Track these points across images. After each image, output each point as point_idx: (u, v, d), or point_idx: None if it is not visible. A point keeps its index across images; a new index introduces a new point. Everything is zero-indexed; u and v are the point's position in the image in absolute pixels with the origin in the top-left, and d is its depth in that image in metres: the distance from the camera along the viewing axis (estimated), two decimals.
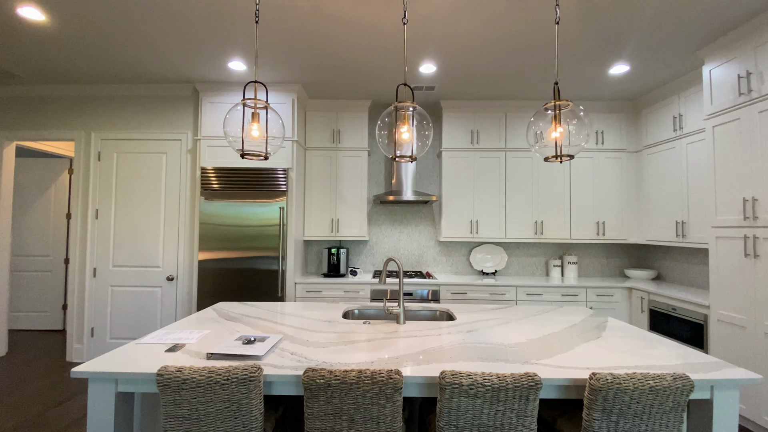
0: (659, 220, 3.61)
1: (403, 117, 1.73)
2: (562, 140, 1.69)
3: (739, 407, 2.01)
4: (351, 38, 2.73)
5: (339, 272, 3.87)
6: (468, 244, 4.26)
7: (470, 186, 3.97)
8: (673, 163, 3.45)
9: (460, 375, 1.23)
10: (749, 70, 2.44)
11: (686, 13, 2.37)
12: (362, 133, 3.97)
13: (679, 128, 3.37)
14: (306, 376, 1.24)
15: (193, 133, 3.69)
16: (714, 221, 2.72)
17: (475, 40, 2.74)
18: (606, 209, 3.94)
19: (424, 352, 1.59)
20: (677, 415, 1.27)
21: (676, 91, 3.41)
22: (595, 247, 4.26)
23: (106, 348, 3.61)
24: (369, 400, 1.24)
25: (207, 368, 1.26)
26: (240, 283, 3.49)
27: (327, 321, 2.10)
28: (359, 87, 3.64)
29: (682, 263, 3.70)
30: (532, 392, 1.24)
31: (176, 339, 1.72)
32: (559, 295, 3.65)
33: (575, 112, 1.68)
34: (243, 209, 3.51)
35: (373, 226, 4.28)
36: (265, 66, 3.21)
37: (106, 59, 3.11)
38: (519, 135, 3.98)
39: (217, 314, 2.23)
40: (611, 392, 1.23)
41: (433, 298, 3.64)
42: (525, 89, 3.67)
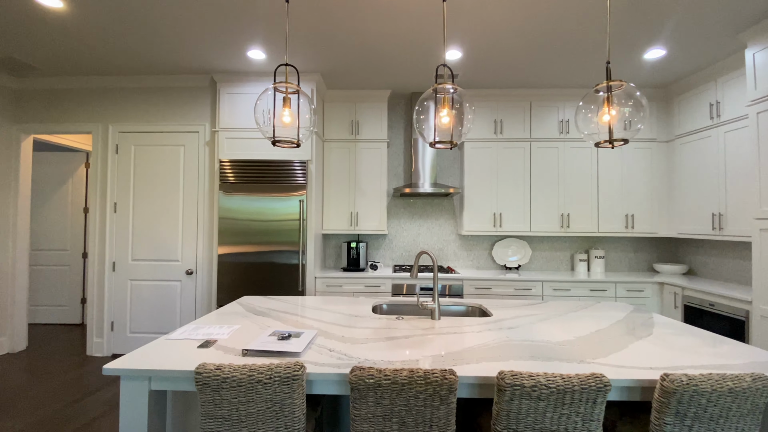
0: (693, 212, 3.46)
1: (443, 100, 1.62)
2: (614, 123, 1.58)
3: None
4: (376, 23, 2.62)
5: (358, 266, 3.79)
6: (490, 238, 4.15)
7: (494, 178, 3.85)
8: (709, 153, 3.30)
9: (521, 375, 1.14)
10: None
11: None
12: (381, 124, 3.87)
13: (716, 116, 3.21)
14: (354, 376, 1.16)
15: (210, 125, 3.62)
16: (758, 213, 2.58)
17: (504, 25, 2.62)
18: (635, 202, 3.80)
19: (469, 350, 1.50)
20: (755, 418, 1.17)
21: (713, 77, 3.24)
22: (622, 241, 4.12)
23: (126, 342, 3.58)
24: (422, 402, 1.16)
25: (247, 366, 1.19)
26: (259, 278, 3.42)
27: (357, 316, 2.02)
28: (379, 76, 3.54)
29: (716, 257, 3.55)
30: (600, 395, 1.14)
31: (206, 334, 1.65)
32: (587, 290, 3.53)
33: (630, 93, 1.56)
34: (262, 203, 3.43)
35: (392, 220, 4.19)
36: (281, 54, 3.11)
37: (123, 49, 3.04)
38: (544, 124, 3.84)
39: (244, 308, 2.17)
40: (686, 395, 1.13)
41: (455, 293, 3.55)
42: (551, 77, 3.53)
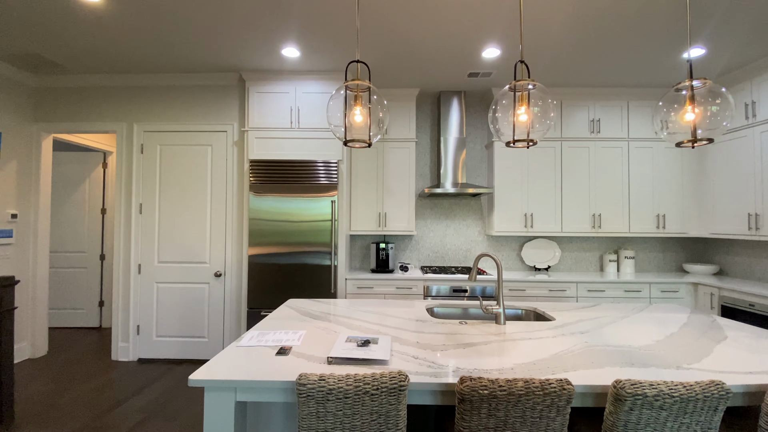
0: (727, 212, 3.45)
1: (521, 97, 1.58)
2: (698, 122, 1.54)
3: None
4: (414, 20, 2.57)
5: (387, 268, 3.74)
6: (518, 239, 4.12)
7: (524, 178, 3.82)
8: (744, 153, 3.29)
9: (641, 385, 1.09)
10: None
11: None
12: (410, 123, 3.82)
13: (752, 116, 3.20)
14: (465, 386, 1.11)
15: (239, 125, 3.55)
16: None
17: (544, 25, 2.58)
18: (666, 201, 3.78)
19: (557, 358, 1.45)
20: None
21: (748, 77, 3.23)
22: (651, 241, 4.11)
23: (153, 346, 3.50)
24: (538, 413, 1.11)
25: (352, 376, 1.13)
26: (290, 280, 3.36)
27: (419, 320, 1.97)
28: (409, 74, 3.48)
29: (749, 258, 3.54)
30: (722, 402, 1.10)
31: (277, 340, 1.59)
32: (621, 291, 3.50)
33: (716, 91, 1.52)
34: (293, 204, 3.37)
35: (419, 220, 4.14)
36: (317, 52, 3.05)
37: (151, 46, 2.96)
38: (575, 123, 3.81)
39: (297, 312, 2.10)
40: None
41: (489, 295, 3.51)
42: (584, 76, 3.50)
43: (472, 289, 3.51)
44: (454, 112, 3.90)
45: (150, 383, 3.05)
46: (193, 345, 3.50)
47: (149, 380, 3.10)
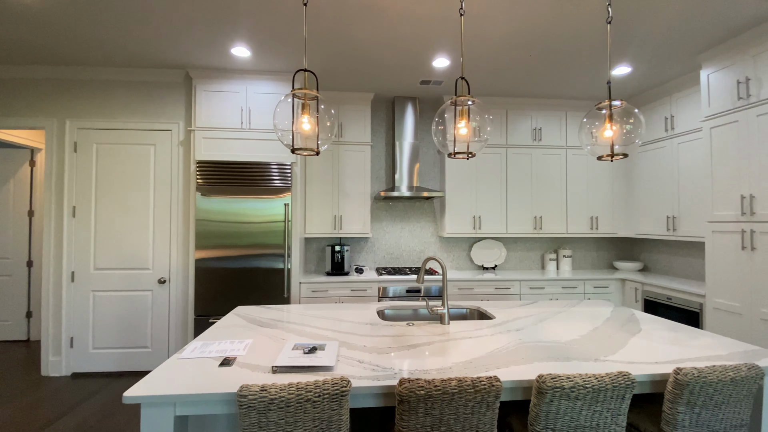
0: (650, 215, 3.83)
1: (461, 112, 1.67)
2: (615, 139, 1.72)
3: None
4: (367, 27, 2.61)
5: (343, 270, 3.76)
6: (468, 240, 4.30)
7: (473, 182, 4.00)
8: (664, 162, 3.67)
9: (560, 378, 1.21)
10: (748, 76, 2.63)
11: (693, 21, 2.49)
12: (365, 126, 3.86)
13: (671, 128, 3.58)
14: (404, 388, 1.17)
15: (185, 124, 3.40)
16: (711, 216, 2.92)
17: (490, 37, 2.73)
18: (599, 205, 4.13)
19: (492, 355, 1.56)
20: (748, 402, 1.34)
21: (668, 93, 3.61)
22: (586, 241, 4.46)
23: (89, 359, 3.27)
24: (470, 410, 1.19)
25: (294, 385, 1.15)
26: (241, 284, 3.28)
27: (368, 323, 2.02)
28: (363, 79, 3.52)
29: (668, 255, 3.96)
30: (628, 391, 1.25)
31: (221, 351, 1.57)
32: (559, 288, 3.78)
33: (629, 111, 1.71)
34: (245, 205, 3.29)
35: (374, 223, 4.20)
36: (270, 53, 3.00)
37: (84, 38, 2.77)
38: (519, 131, 4.05)
39: (245, 320, 2.07)
40: (697, 385, 1.27)
41: (439, 294, 3.64)
42: (527, 87, 3.73)
43: (426, 289, 3.63)
44: (409, 117, 4.00)
45: (85, 399, 2.85)
46: (135, 356, 3.32)
47: (84, 396, 2.90)
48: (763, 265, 2.54)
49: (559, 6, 2.35)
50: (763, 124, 2.56)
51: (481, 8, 2.36)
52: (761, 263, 2.55)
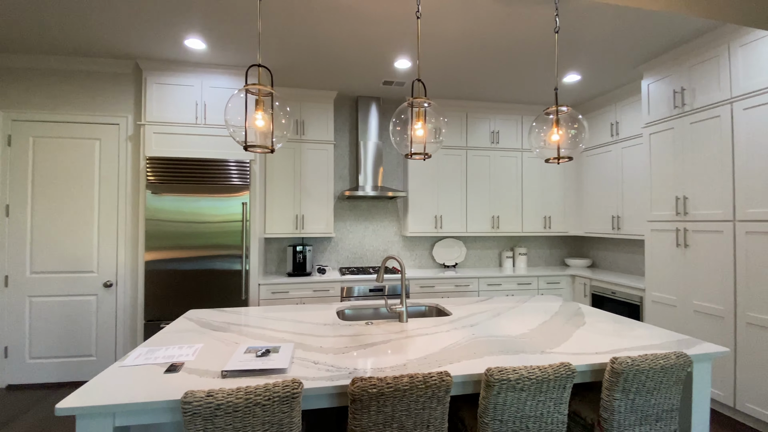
0: (597, 214, 4.08)
1: (418, 113, 1.70)
2: (561, 142, 1.81)
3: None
4: (329, 24, 2.59)
5: (305, 271, 3.70)
6: (431, 239, 4.38)
7: (435, 182, 4.07)
8: (609, 165, 3.92)
9: (506, 371, 1.26)
10: (683, 87, 2.86)
11: (635, 33, 2.68)
12: (328, 125, 3.82)
13: (616, 134, 3.83)
14: (356, 387, 1.17)
15: (134, 118, 3.21)
16: (649, 216, 3.15)
17: (450, 41, 2.79)
18: (552, 205, 4.34)
19: (446, 351, 1.60)
20: (678, 387, 1.46)
21: (614, 101, 3.86)
22: (540, 239, 4.68)
23: (26, 370, 3.01)
24: (421, 405, 1.22)
25: (242, 389, 1.12)
26: (196, 287, 3.15)
27: (326, 324, 2.00)
28: (326, 77, 3.49)
29: (613, 252, 4.23)
30: (569, 381, 1.32)
31: (168, 357, 1.50)
32: (515, 284, 3.94)
33: (574, 117, 1.81)
34: (200, 204, 3.16)
35: (338, 222, 4.17)
36: (226, 46, 2.90)
37: (23, 21, 2.55)
38: (478, 134, 4.18)
39: (197, 324, 1.99)
40: (631, 373, 1.37)
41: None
42: (485, 91, 3.85)
43: (390, 288, 3.65)
44: (373, 117, 4.01)
45: (21, 413, 2.62)
46: (79, 365, 3.10)
47: (20, 410, 2.67)
48: (695, 261, 2.77)
49: (511, 15, 2.44)
50: (695, 131, 2.79)
51: (437, 12, 2.41)
52: (693, 259, 2.79)
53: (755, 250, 2.39)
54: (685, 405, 1.61)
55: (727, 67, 2.56)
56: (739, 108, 2.50)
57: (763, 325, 2.34)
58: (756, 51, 2.40)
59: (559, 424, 1.35)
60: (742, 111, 2.48)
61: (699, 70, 2.76)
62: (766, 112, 2.35)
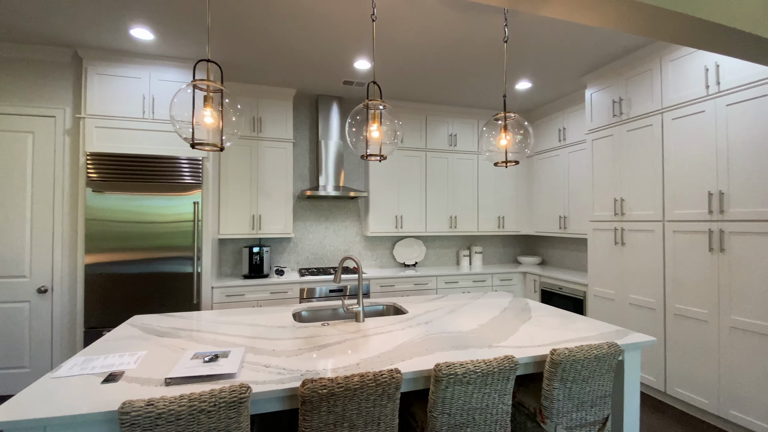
0: (546, 215, 4.32)
1: (374, 115, 1.72)
2: (509, 147, 1.91)
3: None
4: (287, 22, 2.55)
5: (262, 272, 3.62)
6: (392, 239, 4.42)
7: (396, 183, 4.12)
8: (557, 168, 4.16)
9: (454, 365, 1.32)
10: (621, 97, 3.10)
11: (578, 46, 2.87)
12: (287, 123, 3.76)
13: (563, 139, 4.07)
14: (306, 389, 1.17)
15: (73, 110, 2.98)
16: (592, 216, 3.39)
17: (409, 45, 2.84)
18: (505, 206, 4.53)
19: (400, 348, 1.63)
20: (610, 375, 1.59)
21: (562, 108, 4.09)
22: (495, 239, 4.87)
23: None
24: (372, 403, 1.24)
25: (186, 396, 1.08)
26: (143, 291, 2.98)
27: (281, 326, 1.97)
28: (284, 74, 3.43)
29: (561, 250, 4.50)
30: (512, 373, 1.39)
31: (107, 366, 1.41)
32: (471, 281, 4.08)
33: (520, 123, 1.91)
34: (147, 203, 2.99)
35: (297, 222, 4.11)
36: (176, 38, 2.77)
37: None
38: (437, 136, 4.28)
39: (141, 330, 1.89)
40: (568, 363, 1.47)
41: (363, 292, 3.69)
42: (444, 95, 3.95)
43: (352, 288, 3.65)
44: (334, 116, 3.98)
45: None
46: (10, 378, 2.83)
47: None
48: (631, 258, 3.01)
49: (465, 22, 2.53)
50: (631, 138, 3.03)
51: (394, 16, 2.44)
52: (629, 256, 3.03)
53: (681, 248, 2.64)
54: (617, 391, 1.76)
55: (659, 79, 2.81)
56: (669, 118, 2.74)
57: (687, 316, 2.60)
58: (684, 66, 2.64)
59: (503, 414, 1.42)
60: (671, 121, 2.73)
61: (635, 81, 3.00)
62: (690, 123, 2.60)
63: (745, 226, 2.28)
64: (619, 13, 1.52)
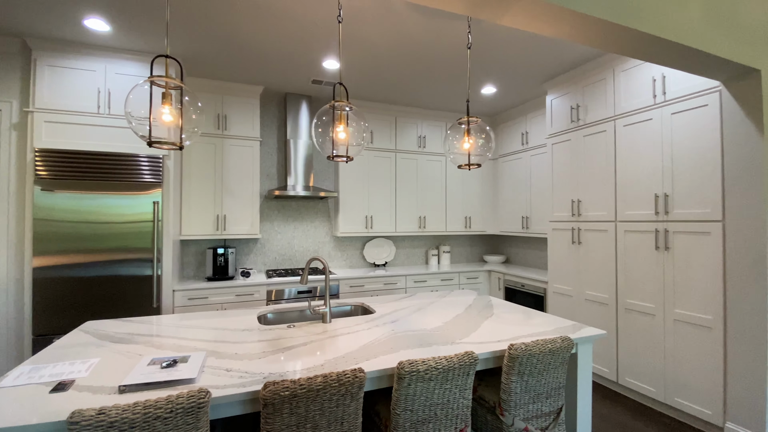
0: (510, 215, 4.47)
1: (340, 116, 1.73)
2: (472, 150, 1.97)
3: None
4: (253, 19, 2.51)
5: (227, 275, 3.53)
6: (362, 239, 4.44)
7: (366, 183, 4.14)
8: (520, 171, 4.32)
9: (416, 363, 1.35)
10: (579, 104, 3.27)
11: (539, 54, 3.00)
12: (253, 121, 3.68)
13: (526, 143, 4.24)
14: (268, 391, 1.16)
15: (21, 103, 2.79)
16: (551, 217, 3.55)
17: (378, 47, 2.87)
18: (472, 206, 4.66)
19: (365, 348, 1.65)
20: (563, 367, 1.68)
21: (524, 112, 4.26)
22: (462, 238, 4.99)
23: None
24: (335, 403, 1.25)
25: (141, 403, 1.05)
26: (98, 295, 2.84)
27: (245, 329, 1.94)
28: (251, 71, 3.36)
29: (524, 249, 4.67)
30: (472, 368, 1.45)
31: (55, 375, 1.34)
32: (439, 280, 4.16)
33: (482, 128, 1.98)
34: (103, 202, 2.85)
35: (265, 223, 4.03)
36: (134, 30, 2.66)
37: None
38: (407, 138, 4.33)
39: (94, 337, 1.81)
40: (525, 358, 1.54)
41: (332, 293, 3.68)
42: (413, 98, 4.01)
43: (323, 289, 3.63)
44: (303, 115, 3.94)
45: None
46: None
47: None
48: (586, 257, 3.18)
49: (432, 27, 2.58)
50: (587, 143, 3.20)
51: (362, 17, 2.46)
52: (585, 255, 3.20)
53: (631, 247, 2.82)
54: (571, 382, 1.86)
55: (612, 88, 2.98)
56: (621, 125, 2.92)
57: (636, 310, 2.77)
58: (634, 76, 2.82)
59: (464, 409, 1.47)
60: (622, 127, 2.91)
61: (591, 90, 3.17)
62: (639, 129, 2.78)
63: (687, 226, 2.47)
64: (571, 25, 1.61)
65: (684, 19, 1.83)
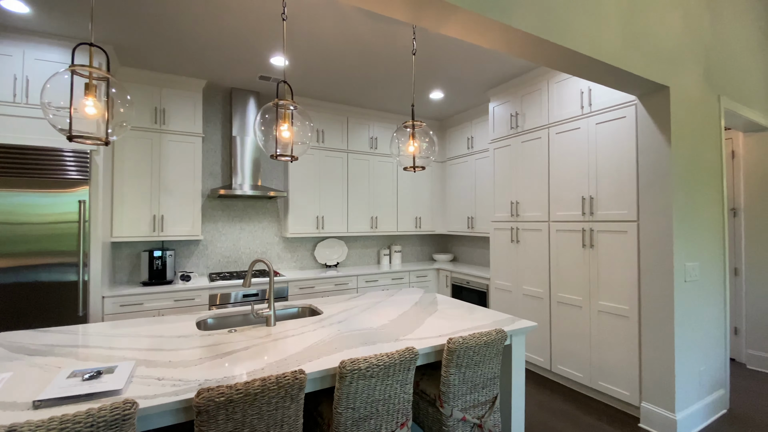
0: (457, 215, 4.66)
1: (284, 115, 1.70)
2: (417, 153, 2.03)
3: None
4: (192, 8, 2.40)
5: (165, 279, 3.32)
6: (313, 239, 4.38)
7: (317, 183, 4.10)
8: (466, 173, 4.52)
9: (358, 361, 1.37)
10: (517, 111, 3.48)
11: (481, 63, 3.16)
12: (195, 115, 3.50)
13: (471, 147, 4.43)
14: (201, 398, 1.13)
15: None
16: (493, 217, 3.75)
17: (329, 45, 2.86)
18: (422, 207, 4.79)
19: (309, 349, 1.65)
20: (498, 358, 1.79)
21: (470, 118, 4.45)
22: (412, 238, 5.11)
23: None
24: (274, 406, 1.23)
25: (56, 418, 0.97)
26: (13, 304, 2.55)
27: (182, 336, 1.85)
28: (193, 63, 3.20)
29: (470, 248, 4.89)
30: (412, 363, 1.50)
31: None
32: (390, 279, 4.23)
33: (426, 132, 2.05)
34: (18, 200, 2.57)
35: (207, 223, 3.85)
36: (57, 12, 2.42)
37: None
38: (358, 139, 4.35)
39: (6, 350, 1.63)
40: (462, 350, 1.62)
41: (280, 296, 3.61)
42: (364, 99, 4.04)
43: (262, 292, 3.53)
44: (251, 112, 3.82)
45: None
46: None
47: None
48: (524, 254, 3.40)
49: (379, 30, 2.63)
50: (525, 148, 3.42)
51: (309, 15, 2.44)
52: (522, 253, 3.41)
53: (562, 245, 3.06)
54: (506, 372, 1.98)
55: (547, 98, 3.22)
56: (554, 132, 3.15)
57: (567, 303, 3.01)
58: (565, 88, 3.06)
59: (405, 403, 1.52)
60: (555, 135, 3.14)
61: (528, 99, 3.40)
62: (569, 137, 3.02)
63: (608, 226, 2.73)
64: (505, 39, 1.72)
65: (605, 39, 2.02)
